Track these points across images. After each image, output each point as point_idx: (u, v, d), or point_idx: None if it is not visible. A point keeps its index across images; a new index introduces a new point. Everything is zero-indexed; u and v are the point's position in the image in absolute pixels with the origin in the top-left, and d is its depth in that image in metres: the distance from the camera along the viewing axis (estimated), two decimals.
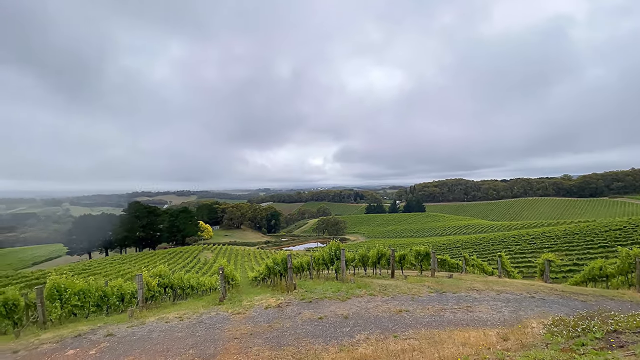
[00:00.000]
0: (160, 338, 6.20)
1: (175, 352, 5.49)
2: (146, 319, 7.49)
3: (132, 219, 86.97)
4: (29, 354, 5.92)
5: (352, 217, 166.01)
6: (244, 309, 7.99)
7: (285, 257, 14.42)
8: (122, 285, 12.13)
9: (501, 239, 50.87)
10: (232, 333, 6.32)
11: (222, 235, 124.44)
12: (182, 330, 6.57)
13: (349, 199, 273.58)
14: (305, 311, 7.52)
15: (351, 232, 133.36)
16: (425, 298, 8.58)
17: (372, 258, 15.07)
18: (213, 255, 71.52)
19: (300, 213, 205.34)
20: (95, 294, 10.52)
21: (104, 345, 6.02)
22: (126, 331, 6.70)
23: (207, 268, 53.09)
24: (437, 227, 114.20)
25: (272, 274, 18.37)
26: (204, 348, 5.63)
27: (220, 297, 9.18)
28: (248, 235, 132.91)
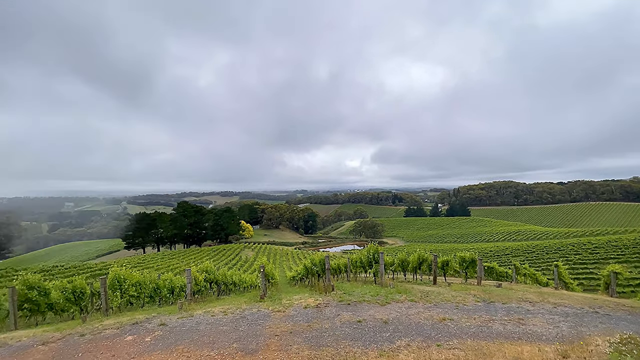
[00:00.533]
0: (207, 330, 6.56)
1: (221, 345, 5.77)
2: (194, 311, 7.97)
3: (180, 218, 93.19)
4: (94, 337, 6.59)
5: (390, 220, 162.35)
6: (284, 307, 8.16)
7: (323, 259, 14.50)
8: (172, 279, 13.04)
9: (558, 247, 46.50)
10: (272, 330, 6.50)
11: (261, 235, 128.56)
12: (227, 324, 6.89)
13: (386, 201, 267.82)
14: (344, 313, 7.49)
15: (389, 236, 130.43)
16: (471, 307, 8.12)
17: (413, 263, 14.60)
18: (253, 253, 74.11)
19: (336, 215, 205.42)
20: (150, 286, 11.43)
21: (158, 333, 6.52)
22: (177, 322, 7.18)
23: (248, 266, 55.12)
24: (483, 233, 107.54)
25: (310, 275, 18.57)
26: (247, 343, 5.84)
27: (261, 295, 9.48)
28: (286, 236, 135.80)
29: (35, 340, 6.62)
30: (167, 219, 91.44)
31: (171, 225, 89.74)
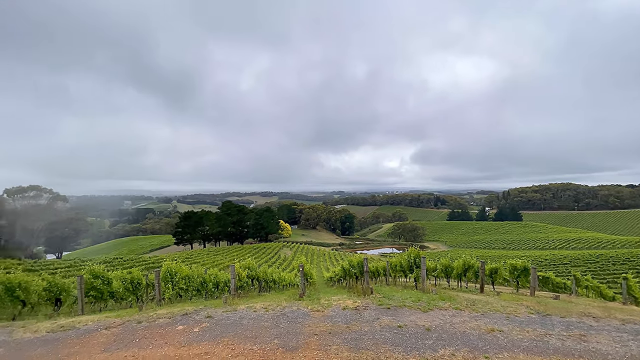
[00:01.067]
0: (249, 325, 6.83)
1: (262, 340, 5.97)
2: (237, 306, 8.33)
3: (224, 216, 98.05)
4: (149, 325, 7.16)
5: (432, 224, 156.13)
6: (322, 307, 8.22)
7: (362, 261, 14.35)
8: (217, 274, 13.74)
9: (627, 258, 41.39)
10: (311, 329, 6.57)
11: (299, 235, 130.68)
12: (268, 320, 7.11)
13: (428, 203, 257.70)
14: (384, 317, 7.35)
15: (430, 240, 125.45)
16: (523, 319, 7.52)
17: (457, 269, 13.89)
18: (291, 253, 75.61)
19: (374, 217, 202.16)
20: (197, 280, 12.15)
21: (205, 325, 6.92)
22: (222, 315, 7.56)
23: (286, 264, 56.34)
24: (536, 239, 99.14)
25: (347, 276, 18.49)
26: (287, 340, 5.97)
27: (300, 293, 9.64)
28: (323, 236, 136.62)
29: (99, 325, 7.37)
30: (213, 217, 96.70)
31: (216, 223, 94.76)
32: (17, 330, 7.30)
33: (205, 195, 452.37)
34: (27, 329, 7.39)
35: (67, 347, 6.07)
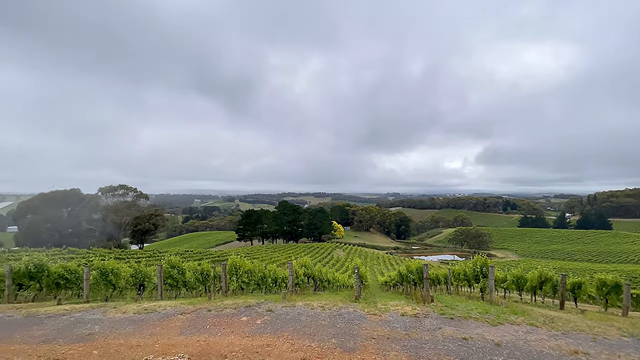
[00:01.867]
0: (307, 322, 6.98)
1: (320, 338, 6.05)
2: (295, 302, 8.59)
3: (281, 215, 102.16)
4: (217, 314, 7.76)
5: (499, 230, 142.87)
6: (380, 311, 8.04)
7: (421, 266, 13.72)
8: (275, 270, 14.36)
9: None
10: (369, 332, 6.47)
11: (352, 236, 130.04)
12: (325, 319, 7.19)
13: (495, 208, 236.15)
14: (447, 327, 6.91)
15: (498, 248, 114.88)
16: (614, 342, 6.44)
17: (532, 281, 12.47)
18: (344, 254, 75.55)
19: (433, 221, 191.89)
20: (258, 275, 12.84)
21: (266, 318, 7.26)
22: (281, 310, 7.87)
23: (339, 265, 56.48)
24: (630, 252, 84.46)
25: (404, 282, 17.83)
26: (344, 340, 5.96)
27: (355, 295, 9.57)
28: (377, 239, 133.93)
29: (175, 310, 8.19)
30: (270, 216, 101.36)
31: (273, 222, 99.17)
32: (110, 310, 8.48)
33: (264, 195, 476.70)
34: (118, 309, 8.55)
35: (150, 327, 6.87)
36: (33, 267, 11.31)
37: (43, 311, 8.47)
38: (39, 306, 9.44)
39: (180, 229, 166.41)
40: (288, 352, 5.44)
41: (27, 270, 11.22)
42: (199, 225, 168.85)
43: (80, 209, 64.98)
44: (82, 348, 5.72)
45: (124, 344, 5.88)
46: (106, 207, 68.70)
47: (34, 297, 11.75)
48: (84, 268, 10.81)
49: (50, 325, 7.18)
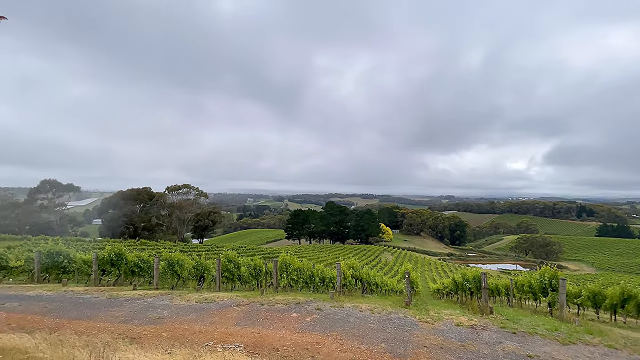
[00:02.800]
0: (356, 324, 6.95)
1: (369, 341, 5.98)
2: (344, 303, 8.60)
3: (328, 216, 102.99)
4: (270, 308, 8.10)
5: (572, 239, 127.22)
6: (432, 319, 7.69)
7: (479, 275, 12.81)
8: (323, 270, 14.53)
9: None
10: (420, 340, 6.23)
11: (401, 240, 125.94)
12: (374, 322, 7.09)
13: (567, 214, 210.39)
14: (508, 342, 6.36)
15: (570, 259, 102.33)
16: None
17: (612, 299, 10.90)
18: (393, 258, 73.50)
19: (492, 226, 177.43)
20: (306, 273, 13.11)
21: (315, 316, 7.39)
22: (330, 310, 7.94)
23: (388, 269, 55.09)
24: None
25: (459, 290, 16.80)
26: (395, 346, 5.82)
27: (406, 301, 9.28)
28: (428, 244, 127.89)
29: (232, 302, 8.74)
30: (317, 216, 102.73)
31: (320, 222, 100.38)
32: (176, 298, 9.34)
33: (311, 195, 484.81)
34: (182, 297, 9.38)
35: (210, 316, 7.43)
36: (114, 255, 12.94)
37: (122, 295, 9.65)
38: (119, 290, 10.77)
39: (234, 226, 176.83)
40: (337, 352, 5.48)
41: (109, 258, 12.88)
42: (251, 223, 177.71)
43: (151, 206, 72.74)
44: (153, 330, 6.40)
45: (188, 329, 6.45)
46: (172, 205, 75.87)
47: (114, 282, 13.44)
48: (155, 258, 12.07)
49: (127, 308, 8.15)
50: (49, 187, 65.59)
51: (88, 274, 13.74)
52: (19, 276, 14.62)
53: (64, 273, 13.75)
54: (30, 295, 9.65)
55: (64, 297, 9.34)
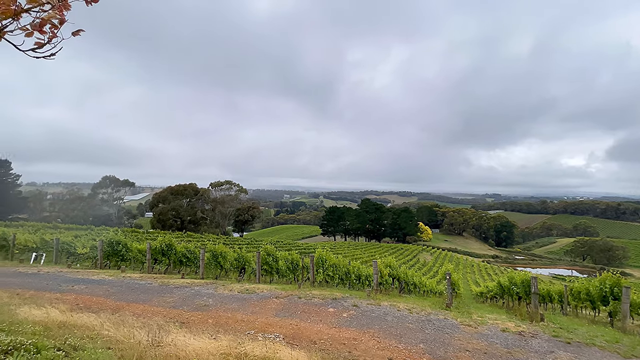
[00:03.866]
0: (393, 322, 6.87)
1: (407, 341, 5.88)
2: (380, 301, 8.52)
3: (363, 213, 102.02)
4: (307, 302, 8.27)
5: (638, 244, 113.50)
6: (475, 323, 7.35)
7: (528, 279, 11.97)
8: (359, 267, 14.46)
9: None
10: (462, 343, 5.99)
11: (441, 240, 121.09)
12: (412, 322, 6.95)
13: (634, 215, 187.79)
14: (561, 352, 5.89)
15: (636, 266, 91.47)
16: None
17: None
18: (432, 258, 70.98)
19: (544, 228, 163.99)
20: (342, 269, 13.16)
21: (352, 312, 7.42)
22: (366, 307, 7.92)
23: (427, 270, 53.37)
24: None
25: (505, 295, 15.81)
26: (434, 348, 5.66)
27: (447, 303, 8.95)
28: (471, 245, 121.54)
29: (271, 294, 9.05)
30: (353, 214, 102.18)
31: (355, 219, 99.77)
32: (219, 287, 9.87)
33: (347, 193, 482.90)
34: (225, 287, 9.89)
35: (251, 306, 7.77)
36: (165, 246, 14.00)
37: (172, 282, 10.42)
38: (169, 278, 11.64)
39: (272, 221, 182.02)
40: (374, 349, 5.46)
41: (161, 248, 13.96)
42: (287, 219, 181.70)
43: (196, 200, 77.37)
44: (200, 316, 6.86)
45: (231, 317, 6.81)
46: (215, 200, 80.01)
47: (165, 270, 14.53)
48: (200, 250, 12.85)
49: (177, 294, 8.79)
50: (108, 183, 72.45)
51: (142, 262, 15.01)
52: (84, 262, 16.38)
53: (122, 261, 15.16)
54: (94, 280, 10.79)
55: (122, 282, 10.32)
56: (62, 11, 1.46)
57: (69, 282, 10.06)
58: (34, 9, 1.38)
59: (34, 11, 1.38)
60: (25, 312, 5.40)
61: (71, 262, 15.80)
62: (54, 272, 11.96)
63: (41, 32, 1.46)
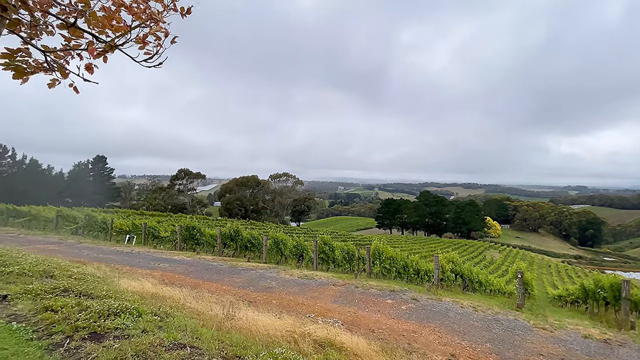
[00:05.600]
0: (456, 319, 6.59)
1: (472, 339, 5.61)
2: (441, 297, 8.21)
3: (422, 206, 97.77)
4: (364, 291, 8.35)
5: None
6: (551, 326, 6.67)
7: (619, 282, 10.37)
8: (418, 262, 14.02)
9: None
10: (535, 347, 5.51)
11: (512, 237, 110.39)
12: (478, 321, 6.58)
13: None
14: None
15: None
16: None
17: None
18: (500, 256, 65.33)
19: None
20: (400, 263, 12.90)
21: (411, 305, 7.30)
22: (426, 301, 7.71)
23: (494, 268, 49.39)
24: None
25: (589, 299, 13.92)
26: (502, 348, 5.32)
27: (517, 303, 8.24)
28: (548, 243, 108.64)
29: (328, 281, 9.33)
30: (410, 206, 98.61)
31: (414, 212, 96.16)
32: (281, 272, 10.47)
33: (404, 185, 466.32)
34: (286, 272, 10.46)
35: (310, 291, 8.13)
36: (232, 232, 15.26)
37: (239, 265, 11.37)
38: (236, 261, 12.71)
39: (326, 212, 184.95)
40: (435, 344, 5.33)
41: (229, 233, 15.25)
42: (342, 210, 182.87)
43: (257, 191, 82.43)
44: (265, 297, 7.40)
45: (293, 300, 7.22)
46: (274, 191, 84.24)
47: (233, 254, 15.87)
48: (264, 237, 13.74)
49: (244, 276, 9.59)
50: (183, 175, 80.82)
51: (213, 245, 16.59)
52: (166, 244, 18.69)
53: (197, 244, 16.94)
54: (175, 259, 12.28)
55: (198, 263, 11.58)
56: (158, 24, 1.73)
57: (156, 261, 11.62)
58: (142, 25, 1.65)
59: (141, 27, 1.66)
60: (125, 284, 6.43)
61: (156, 244, 18.16)
62: (143, 252, 13.90)
63: (145, 44, 1.74)
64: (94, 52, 1.73)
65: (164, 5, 1.68)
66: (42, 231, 20.09)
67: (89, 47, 1.72)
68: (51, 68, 1.87)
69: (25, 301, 3.96)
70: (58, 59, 1.86)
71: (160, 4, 1.66)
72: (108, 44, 1.70)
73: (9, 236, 16.21)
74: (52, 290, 4.51)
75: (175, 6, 1.65)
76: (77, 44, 1.75)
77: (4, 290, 4.26)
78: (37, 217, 22.73)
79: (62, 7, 1.68)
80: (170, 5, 1.66)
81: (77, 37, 1.72)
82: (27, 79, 1.85)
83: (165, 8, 1.68)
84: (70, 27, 1.64)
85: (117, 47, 1.71)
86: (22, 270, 5.59)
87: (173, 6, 1.66)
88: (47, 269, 6.09)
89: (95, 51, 1.73)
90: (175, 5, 1.65)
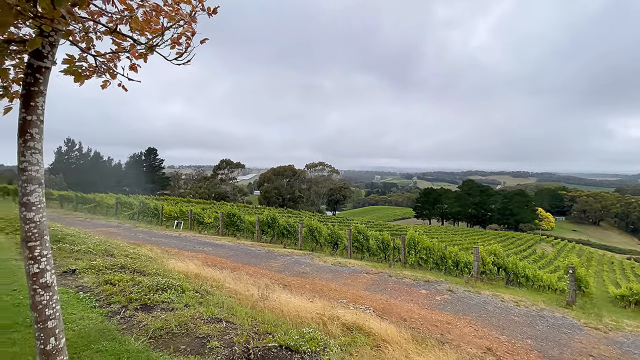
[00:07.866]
0: (495, 313, 6.33)
1: (511, 334, 5.38)
2: (481, 290, 7.90)
3: (465, 196, 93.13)
4: (397, 280, 8.30)
5: None
6: (605, 326, 6.15)
7: None
8: (457, 253, 13.52)
9: None
10: (584, 347, 5.14)
11: (568, 230, 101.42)
12: (519, 316, 6.27)
13: None
14: None
15: None
16: None
17: None
18: (553, 250, 60.56)
19: None
20: (437, 254, 12.55)
21: (446, 297, 7.13)
22: (463, 293, 7.48)
23: (545, 263, 46.01)
24: None
25: None
26: (546, 346, 5.04)
27: (567, 300, 7.68)
28: (611, 237, 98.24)
29: (361, 269, 9.39)
30: (452, 196, 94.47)
31: (455, 202, 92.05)
32: (315, 258, 10.73)
33: (445, 173, 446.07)
34: (320, 259, 10.70)
35: (343, 278, 8.27)
36: (270, 219, 15.86)
37: (276, 251, 11.84)
38: (273, 247, 13.23)
39: (362, 201, 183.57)
40: (470, 336, 5.20)
41: (267, 221, 15.87)
42: (378, 200, 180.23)
43: (294, 180, 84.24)
44: (299, 281, 7.68)
45: (326, 285, 7.41)
46: (310, 180, 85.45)
47: (270, 240, 16.54)
48: (299, 225, 14.11)
49: (280, 261, 9.99)
50: (225, 165, 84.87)
51: (252, 232, 17.40)
52: (210, 230, 19.97)
53: (237, 230, 17.89)
54: (218, 244, 13.10)
55: (238, 247, 12.25)
56: (191, 24, 1.86)
57: (200, 245, 12.49)
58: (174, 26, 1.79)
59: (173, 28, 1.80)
60: (172, 264, 7.04)
61: (201, 229, 19.47)
62: (189, 236, 15.00)
63: (178, 44, 1.89)
64: (135, 54, 1.92)
65: (192, 6, 1.81)
66: (104, 216, 22.46)
67: (131, 49, 1.91)
68: (103, 70, 2.12)
69: (89, 275, 4.55)
70: (108, 61, 2.09)
71: (189, 6, 1.80)
72: (146, 45, 1.87)
73: (78, 220, 18.35)
74: (111, 267, 5.13)
75: (203, 6, 1.78)
76: (121, 47, 1.95)
77: (73, 266, 4.93)
78: (100, 203, 25.42)
79: (110, 15, 1.87)
80: (198, 6, 1.79)
81: (120, 41, 1.92)
82: (84, 81, 2.11)
83: (194, 9, 1.81)
84: (113, 32, 1.83)
85: (154, 48, 1.88)
86: (88, 249, 6.38)
87: (201, 7, 1.79)
88: (108, 249, 6.87)
89: (137, 52, 1.93)
90: (203, 5, 1.78)
